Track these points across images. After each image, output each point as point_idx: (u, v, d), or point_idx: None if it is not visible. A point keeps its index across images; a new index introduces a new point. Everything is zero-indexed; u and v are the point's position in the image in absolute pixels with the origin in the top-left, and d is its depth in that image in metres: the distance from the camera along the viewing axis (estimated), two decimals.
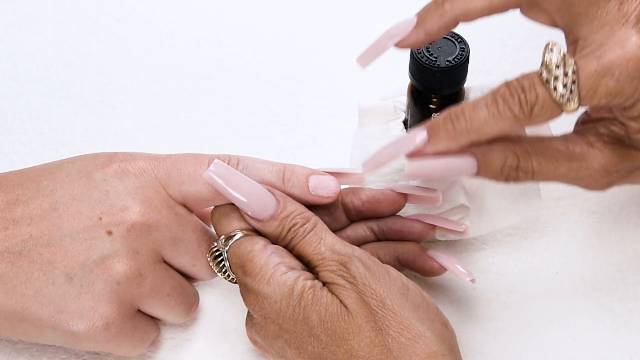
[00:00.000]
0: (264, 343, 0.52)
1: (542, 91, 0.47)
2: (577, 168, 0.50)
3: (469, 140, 0.49)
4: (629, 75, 0.47)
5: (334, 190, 0.55)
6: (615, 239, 0.63)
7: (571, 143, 0.50)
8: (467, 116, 0.48)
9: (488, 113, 0.48)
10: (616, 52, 0.47)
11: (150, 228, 0.52)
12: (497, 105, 0.48)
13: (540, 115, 0.48)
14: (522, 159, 0.50)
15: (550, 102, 0.47)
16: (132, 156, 0.54)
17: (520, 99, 0.47)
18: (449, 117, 0.49)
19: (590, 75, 0.47)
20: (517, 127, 0.48)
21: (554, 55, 0.47)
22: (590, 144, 0.50)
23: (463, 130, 0.49)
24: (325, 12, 0.77)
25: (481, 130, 0.48)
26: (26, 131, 0.70)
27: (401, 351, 0.48)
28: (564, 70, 0.47)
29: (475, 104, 0.48)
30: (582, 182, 0.51)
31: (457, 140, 0.49)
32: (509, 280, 0.61)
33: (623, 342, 0.59)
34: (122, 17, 0.76)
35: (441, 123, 0.49)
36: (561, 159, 0.50)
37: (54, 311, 0.51)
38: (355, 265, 0.50)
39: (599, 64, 0.47)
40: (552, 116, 0.48)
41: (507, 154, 0.50)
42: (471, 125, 0.48)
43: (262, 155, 0.56)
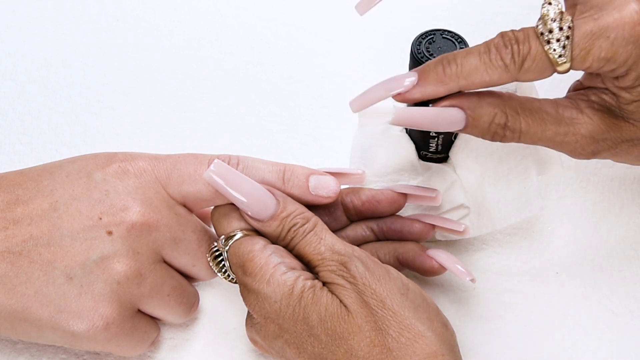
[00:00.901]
0: (264, 343, 0.52)
1: (536, 44, 0.48)
2: (565, 132, 0.50)
3: (458, 85, 0.49)
4: (624, 39, 0.47)
5: (334, 190, 0.55)
6: (615, 238, 0.63)
7: (561, 107, 0.51)
8: (459, 61, 0.49)
9: (480, 60, 0.49)
10: (613, 15, 0.47)
11: (151, 228, 0.52)
12: (489, 53, 0.48)
13: (530, 70, 0.48)
14: (511, 117, 0.50)
15: (542, 57, 0.48)
16: (132, 156, 0.54)
17: (513, 49, 0.48)
18: (441, 61, 0.49)
19: (585, 34, 0.47)
20: (507, 77, 0.48)
21: (552, 9, 0.48)
22: (580, 110, 0.50)
23: (453, 75, 0.49)
24: (325, 12, 0.77)
25: (471, 76, 0.49)
26: (26, 131, 0.70)
27: (401, 351, 0.48)
28: (560, 24, 0.47)
29: (469, 51, 0.49)
30: (568, 147, 0.51)
31: (445, 84, 0.49)
32: (509, 280, 0.61)
33: (623, 342, 0.59)
34: (122, 17, 0.76)
35: (432, 66, 0.50)
36: (549, 122, 0.50)
37: (54, 311, 0.51)
38: (355, 265, 0.50)
39: (595, 25, 0.47)
40: (543, 73, 0.48)
41: (496, 110, 0.50)
42: (461, 70, 0.49)
43: (262, 155, 0.56)
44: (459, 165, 0.60)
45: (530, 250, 0.63)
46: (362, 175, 0.58)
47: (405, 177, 0.61)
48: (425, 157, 0.61)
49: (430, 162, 0.61)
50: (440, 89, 0.50)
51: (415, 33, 0.58)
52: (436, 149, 0.60)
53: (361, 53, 0.74)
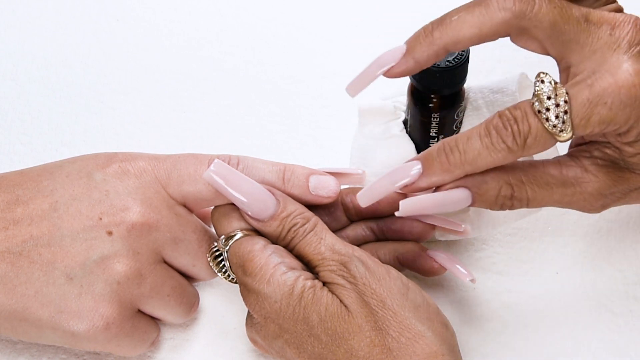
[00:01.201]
0: (264, 343, 0.52)
1: (535, 122, 0.47)
2: (572, 193, 0.50)
3: (464, 172, 0.49)
4: (622, 102, 0.47)
5: (334, 190, 0.55)
6: (615, 238, 0.63)
7: (565, 168, 0.50)
8: (461, 148, 0.49)
9: (482, 145, 0.48)
10: (608, 79, 0.47)
11: (151, 228, 0.52)
12: (490, 137, 0.48)
13: (533, 146, 0.48)
14: (516, 188, 0.50)
15: (543, 133, 0.47)
16: (132, 156, 0.54)
17: (513, 130, 0.48)
18: (443, 149, 0.49)
19: (582, 104, 0.47)
20: (511, 158, 0.48)
21: (545, 86, 0.47)
22: (584, 168, 0.50)
23: (457, 163, 0.49)
24: (325, 12, 0.77)
25: (475, 162, 0.49)
26: (26, 131, 0.70)
27: (401, 351, 0.48)
28: (556, 101, 0.47)
29: (469, 135, 0.49)
30: (577, 205, 0.51)
31: (451, 172, 0.49)
32: (509, 280, 0.61)
33: (623, 342, 0.59)
34: (122, 17, 0.76)
35: (435, 155, 0.50)
36: (555, 185, 0.50)
37: (54, 311, 0.51)
38: (356, 265, 0.50)
39: (591, 93, 0.47)
40: (546, 146, 0.48)
41: (500, 184, 0.50)
42: (465, 157, 0.49)
43: (262, 155, 0.56)
44: None
45: (530, 250, 0.63)
46: (362, 175, 0.58)
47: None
48: None
49: None
50: (447, 177, 0.50)
51: None
52: None
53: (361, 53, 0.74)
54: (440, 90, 0.57)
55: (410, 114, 0.60)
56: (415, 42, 0.50)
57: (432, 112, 0.58)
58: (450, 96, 0.58)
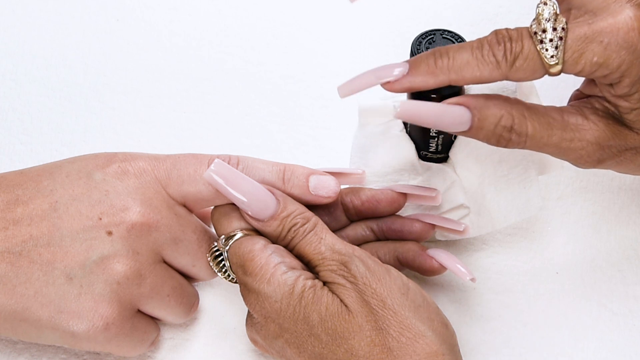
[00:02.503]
0: (264, 343, 0.52)
1: (529, 44, 0.48)
2: (570, 138, 0.50)
3: (448, 78, 0.49)
4: (618, 44, 0.47)
5: (334, 190, 0.55)
6: (615, 238, 0.63)
7: (566, 113, 0.50)
8: (451, 55, 0.49)
9: (472, 55, 0.49)
10: (607, 20, 0.47)
11: (150, 228, 0.52)
12: (481, 49, 0.48)
13: (522, 68, 0.48)
14: (517, 120, 0.50)
15: (534, 56, 0.48)
16: (132, 156, 0.54)
17: (506, 47, 0.48)
18: (433, 53, 0.50)
19: (578, 37, 0.47)
20: (497, 74, 0.48)
21: (547, 9, 0.48)
22: (585, 117, 0.50)
23: (444, 67, 0.49)
24: (325, 13, 0.77)
25: (461, 70, 0.49)
26: (26, 131, 0.70)
27: (401, 350, 0.48)
28: (554, 25, 0.47)
29: (461, 45, 0.49)
30: (574, 154, 0.50)
31: (436, 75, 0.49)
32: (509, 280, 0.61)
33: (623, 342, 0.59)
34: (122, 17, 0.76)
35: (424, 57, 0.50)
36: (556, 127, 0.50)
37: (54, 311, 0.51)
38: (356, 264, 0.50)
39: (589, 29, 0.47)
40: (534, 73, 0.48)
41: (502, 112, 0.50)
42: (453, 63, 0.49)
43: (262, 155, 0.56)
44: (459, 165, 0.60)
45: (530, 250, 0.63)
46: (362, 175, 0.58)
47: (405, 177, 0.60)
48: (425, 157, 0.61)
49: (430, 162, 0.61)
50: (430, 81, 0.50)
51: (415, 33, 0.58)
52: (436, 149, 0.60)
53: (361, 53, 0.74)
54: (440, 90, 0.57)
55: None
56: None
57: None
58: (450, 96, 0.58)
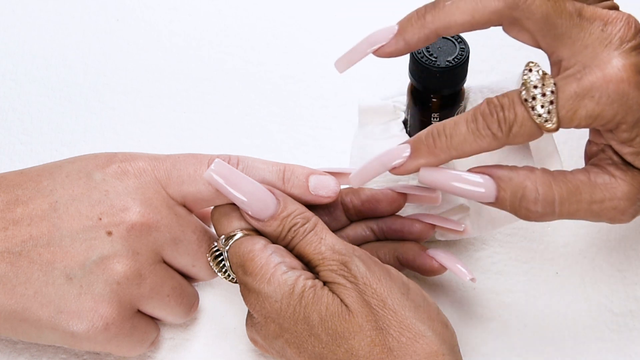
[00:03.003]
0: (264, 343, 0.52)
1: (521, 110, 0.47)
2: (601, 199, 0.49)
3: (450, 156, 0.50)
4: (609, 97, 0.46)
5: (334, 190, 0.55)
6: (615, 239, 0.63)
7: (592, 174, 0.49)
8: (448, 133, 0.49)
9: (467, 130, 0.49)
10: (597, 74, 0.47)
11: (150, 228, 0.52)
12: (476, 122, 0.48)
13: (519, 135, 0.48)
14: (543, 189, 0.49)
15: (529, 122, 0.47)
16: (131, 156, 0.54)
17: (499, 117, 0.48)
18: (431, 133, 0.50)
19: (569, 96, 0.47)
20: (496, 145, 0.48)
21: (533, 75, 0.48)
22: (611, 174, 0.49)
23: (443, 147, 0.49)
24: (325, 12, 0.77)
25: (461, 147, 0.49)
26: (26, 131, 0.70)
27: (402, 350, 0.48)
28: (542, 90, 0.47)
29: (457, 120, 0.49)
30: (608, 214, 0.49)
31: (437, 156, 0.50)
32: (509, 280, 0.61)
33: (623, 342, 0.59)
34: (122, 17, 0.76)
35: (423, 139, 0.50)
36: (584, 190, 0.49)
37: (54, 311, 0.51)
38: (356, 264, 0.50)
39: (579, 86, 0.47)
40: (532, 136, 0.48)
41: (527, 182, 0.49)
42: (451, 142, 0.49)
43: (262, 155, 0.56)
44: (459, 165, 0.60)
45: (530, 250, 0.63)
46: None
47: (405, 177, 0.60)
48: None
49: None
50: (433, 161, 0.50)
51: None
52: None
53: None
54: (440, 90, 0.57)
55: (410, 113, 0.60)
56: (407, 23, 0.50)
57: (432, 112, 0.58)
58: (450, 96, 0.58)
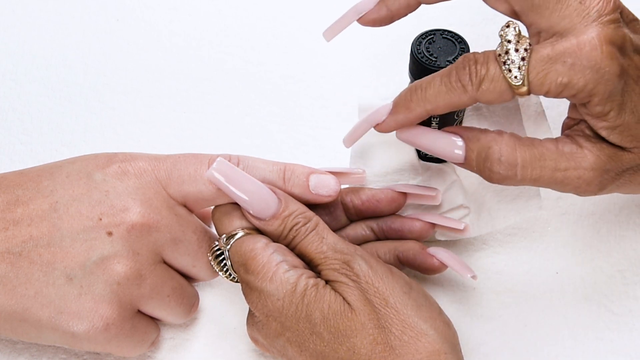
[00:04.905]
0: (265, 342, 0.52)
1: (494, 67, 0.48)
2: (565, 167, 0.49)
3: (424, 109, 0.50)
4: (581, 64, 0.47)
5: (334, 189, 0.55)
6: (615, 238, 0.63)
7: (561, 143, 0.50)
8: (423, 87, 0.50)
9: (441, 83, 0.49)
10: (571, 41, 0.47)
11: (151, 229, 0.52)
12: (450, 76, 0.49)
13: (488, 91, 0.48)
14: (506, 151, 0.50)
15: (499, 79, 0.48)
16: (132, 156, 0.54)
17: (471, 70, 0.49)
18: (409, 89, 0.51)
19: (541, 58, 0.47)
20: (466, 99, 0.49)
21: (509, 31, 0.48)
22: (579, 145, 0.50)
23: (419, 100, 0.50)
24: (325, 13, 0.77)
25: (434, 99, 0.50)
26: (26, 131, 0.70)
27: (404, 349, 0.48)
28: (516, 47, 0.48)
29: (433, 76, 0.50)
30: (572, 184, 0.50)
31: (412, 109, 0.51)
32: (509, 280, 0.61)
33: (623, 342, 0.59)
34: (122, 17, 0.76)
35: (403, 94, 0.52)
36: (549, 157, 0.50)
37: (54, 312, 0.51)
38: (359, 263, 0.50)
39: (552, 50, 0.47)
40: (502, 95, 0.48)
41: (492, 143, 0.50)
42: (425, 94, 0.50)
43: (262, 155, 0.56)
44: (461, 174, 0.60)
45: (530, 250, 0.63)
46: (362, 174, 0.58)
47: (405, 177, 0.61)
48: (425, 157, 0.61)
49: (430, 162, 0.61)
50: (410, 115, 0.51)
51: (415, 33, 0.58)
52: None
53: (361, 53, 0.74)
54: None
55: None
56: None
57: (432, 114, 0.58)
58: None
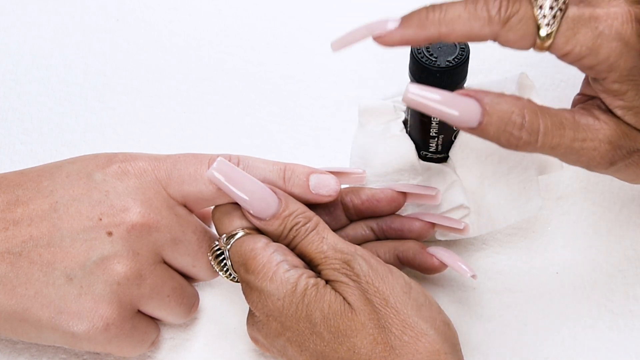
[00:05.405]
0: (265, 341, 0.52)
1: (527, 6, 0.47)
2: (583, 138, 0.48)
3: (438, 31, 0.48)
4: (611, 34, 0.47)
5: (334, 189, 0.55)
6: (615, 238, 0.63)
7: (577, 114, 0.49)
8: (444, 8, 0.48)
9: (465, 9, 0.47)
10: (605, 9, 0.47)
11: (151, 229, 0.52)
12: (476, 3, 0.47)
13: (513, 30, 0.47)
14: (529, 117, 0.48)
15: (529, 20, 0.47)
16: (132, 156, 0.54)
17: (502, 3, 0.47)
18: (427, 7, 0.48)
19: (575, 16, 0.47)
20: (488, 31, 0.47)
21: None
22: (596, 117, 0.49)
23: (435, 20, 0.48)
24: (325, 12, 0.77)
25: (452, 23, 0.47)
26: (26, 131, 0.70)
27: (404, 349, 0.48)
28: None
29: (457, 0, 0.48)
30: (587, 155, 0.49)
31: (426, 28, 0.48)
32: (509, 280, 0.61)
33: (623, 342, 0.59)
34: (122, 17, 0.76)
35: (417, 10, 0.49)
36: (568, 127, 0.48)
37: (54, 312, 0.51)
38: (359, 263, 0.50)
39: (586, 12, 0.47)
40: (525, 38, 0.47)
41: (514, 108, 0.48)
42: (444, 16, 0.48)
43: (262, 155, 0.56)
44: (459, 165, 0.60)
45: (530, 250, 0.63)
46: (362, 174, 0.58)
47: (405, 177, 0.60)
48: (425, 157, 0.61)
49: (430, 162, 0.61)
50: (421, 33, 0.48)
51: None
52: (436, 149, 0.60)
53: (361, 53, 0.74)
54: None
55: (410, 114, 0.60)
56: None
57: None
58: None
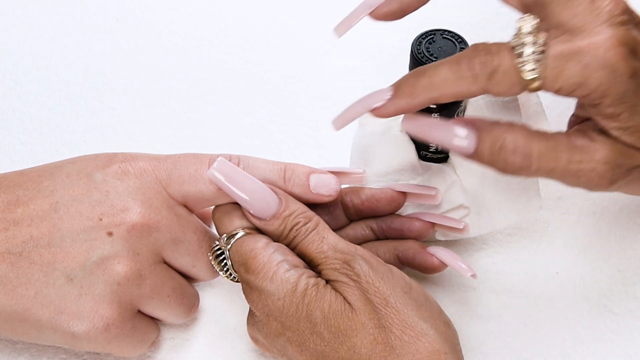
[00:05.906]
0: (265, 341, 0.52)
1: (508, 58, 0.47)
2: (579, 160, 0.49)
3: (429, 97, 0.48)
4: (597, 64, 0.46)
5: (334, 189, 0.55)
6: (615, 239, 0.63)
7: (573, 137, 0.49)
8: (429, 73, 0.48)
9: (449, 71, 0.48)
10: (586, 40, 0.47)
11: (151, 229, 0.52)
12: (459, 64, 0.48)
13: (500, 83, 0.47)
14: (522, 142, 0.48)
15: (512, 71, 0.47)
16: (132, 156, 0.54)
17: (482, 60, 0.47)
18: (413, 74, 0.49)
19: (557, 54, 0.47)
20: (476, 88, 0.48)
21: (528, 23, 0.47)
22: (592, 138, 0.49)
23: (424, 87, 0.48)
24: (325, 12, 0.77)
25: (441, 87, 0.48)
26: (26, 131, 0.70)
27: (404, 349, 0.48)
28: (534, 39, 0.47)
29: (440, 62, 0.48)
30: (585, 176, 0.49)
31: (417, 96, 0.49)
32: (509, 280, 0.61)
33: (623, 342, 0.59)
34: (122, 17, 0.76)
35: (405, 79, 0.49)
36: (562, 150, 0.49)
37: (54, 312, 0.51)
38: (359, 263, 0.50)
39: (568, 47, 0.47)
40: (513, 88, 0.47)
41: (506, 134, 0.48)
42: (431, 81, 0.48)
43: (262, 155, 0.56)
44: (459, 165, 0.60)
45: (530, 250, 0.63)
46: (362, 174, 0.58)
47: (405, 177, 0.61)
48: (425, 157, 0.61)
49: (430, 162, 0.61)
50: (413, 102, 0.49)
51: (415, 33, 0.58)
52: (436, 149, 0.60)
53: (361, 53, 0.74)
54: None
55: None
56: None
57: (432, 112, 0.58)
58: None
